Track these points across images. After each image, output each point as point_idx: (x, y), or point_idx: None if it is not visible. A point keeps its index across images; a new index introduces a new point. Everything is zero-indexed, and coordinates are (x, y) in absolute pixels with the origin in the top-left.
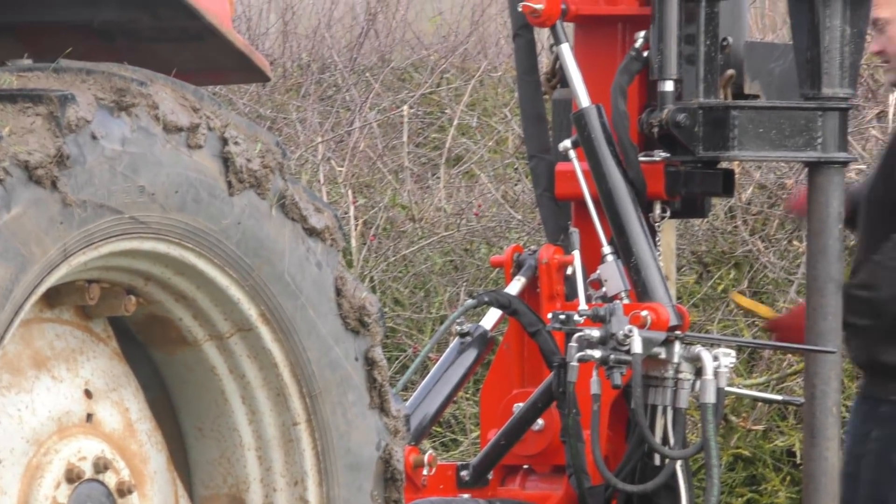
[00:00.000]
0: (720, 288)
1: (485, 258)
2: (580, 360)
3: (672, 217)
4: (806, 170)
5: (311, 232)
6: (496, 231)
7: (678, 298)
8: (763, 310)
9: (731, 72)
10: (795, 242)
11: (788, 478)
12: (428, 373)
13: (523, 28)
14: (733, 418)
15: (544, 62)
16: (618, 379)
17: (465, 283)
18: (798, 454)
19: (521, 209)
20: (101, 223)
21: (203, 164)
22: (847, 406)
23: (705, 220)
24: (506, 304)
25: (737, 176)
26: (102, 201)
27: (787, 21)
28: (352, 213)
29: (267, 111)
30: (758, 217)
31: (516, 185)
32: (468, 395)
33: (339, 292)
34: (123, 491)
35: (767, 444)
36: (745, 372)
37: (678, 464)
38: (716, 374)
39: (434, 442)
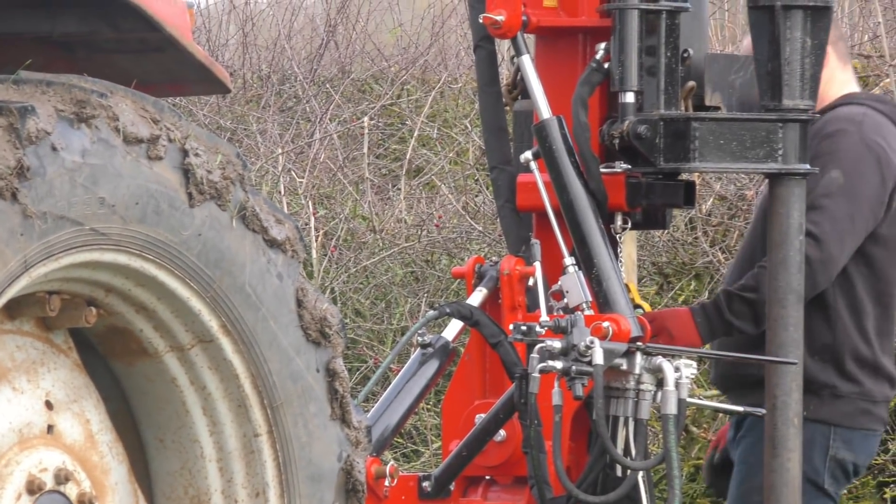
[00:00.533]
0: (681, 299)
1: (446, 269)
2: (542, 371)
3: (633, 228)
4: (766, 181)
5: (272, 243)
6: (457, 242)
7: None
8: (646, 305)
9: (691, 83)
10: None
11: None
12: (389, 384)
13: (484, 39)
14: (694, 429)
15: (505, 73)
16: (579, 390)
17: (426, 295)
18: None
19: (481, 220)
20: (61, 235)
21: (163, 176)
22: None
23: (666, 231)
24: (467, 315)
25: (697, 187)
26: (63, 213)
27: (748, 32)
28: (312, 224)
29: (227, 122)
30: (718, 228)
31: (477, 196)
32: (429, 406)
33: (299, 303)
34: (85, 502)
35: None
36: (706, 383)
37: (640, 475)
38: (677, 385)
39: (395, 453)
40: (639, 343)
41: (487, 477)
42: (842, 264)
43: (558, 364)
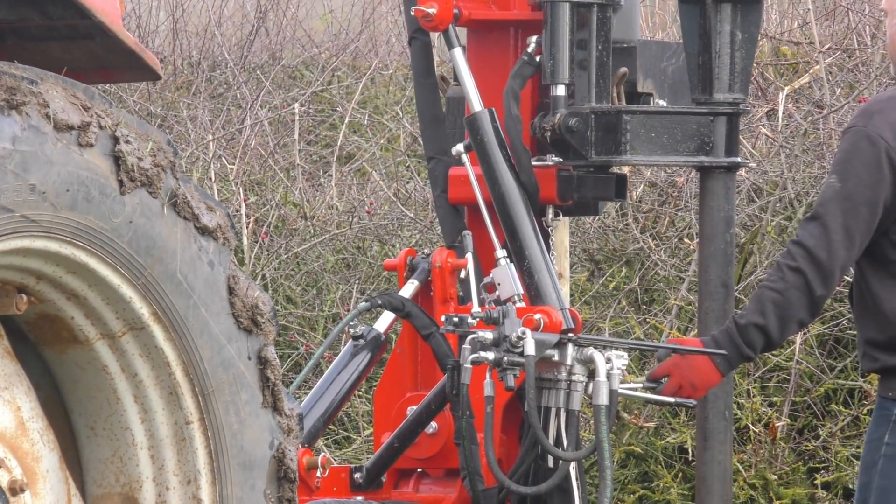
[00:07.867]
0: (612, 285)
1: (377, 256)
2: (473, 362)
3: (565, 214)
4: (697, 172)
5: (203, 230)
6: (388, 229)
7: (570, 296)
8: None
9: (623, 70)
10: (686, 240)
11: (680, 474)
12: (322, 373)
13: (419, 31)
14: (625, 415)
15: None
16: (511, 381)
17: (357, 281)
18: (690, 451)
19: (412, 207)
20: None
21: (94, 163)
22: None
23: (597, 217)
24: (399, 307)
25: (628, 173)
26: None
27: (677, 20)
28: (243, 211)
29: (158, 109)
30: (648, 215)
31: (408, 182)
32: (361, 393)
33: (231, 291)
34: (16, 489)
35: (659, 441)
36: (637, 371)
37: (571, 465)
38: (608, 375)
39: (327, 440)
40: (570, 334)
41: (419, 469)
42: (838, 275)
43: (490, 355)
